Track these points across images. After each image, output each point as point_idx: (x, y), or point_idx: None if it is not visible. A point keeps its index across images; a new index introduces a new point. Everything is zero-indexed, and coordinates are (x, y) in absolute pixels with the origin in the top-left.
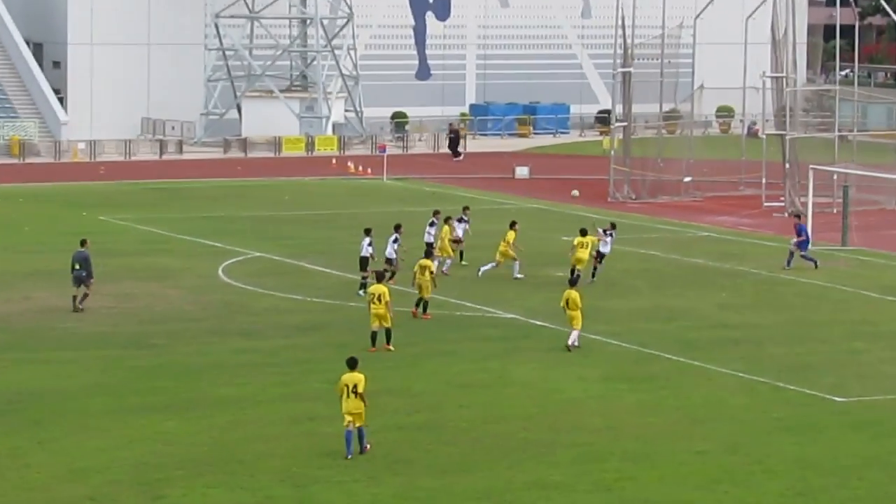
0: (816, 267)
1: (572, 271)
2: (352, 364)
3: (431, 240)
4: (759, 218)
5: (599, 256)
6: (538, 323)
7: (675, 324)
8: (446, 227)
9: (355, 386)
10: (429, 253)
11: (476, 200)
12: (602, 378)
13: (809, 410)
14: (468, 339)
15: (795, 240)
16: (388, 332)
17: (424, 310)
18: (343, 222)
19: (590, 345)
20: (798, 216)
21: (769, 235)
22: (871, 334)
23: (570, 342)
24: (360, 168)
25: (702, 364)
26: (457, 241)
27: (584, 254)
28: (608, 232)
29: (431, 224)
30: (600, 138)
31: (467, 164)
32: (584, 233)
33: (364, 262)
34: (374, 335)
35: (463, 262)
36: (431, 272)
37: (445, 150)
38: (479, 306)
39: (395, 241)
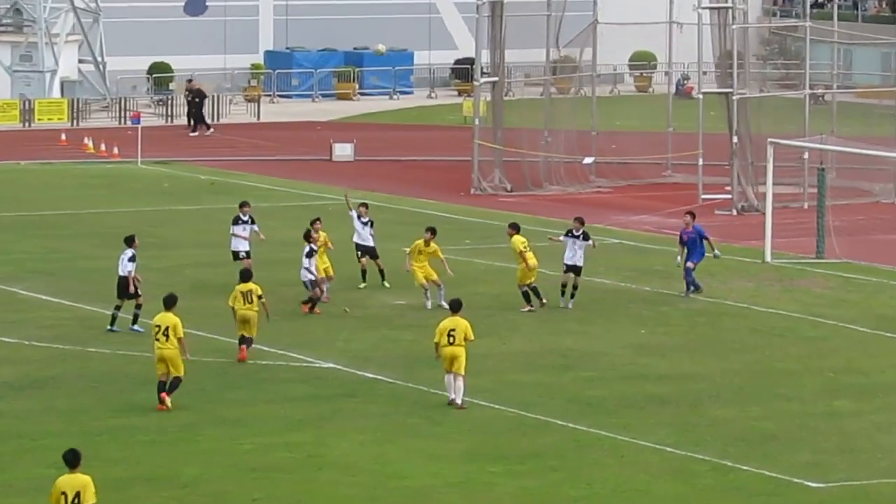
0: (689, 293)
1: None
2: (71, 461)
3: (244, 247)
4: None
5: (570, 270)
6: (368, 375)
7: (571, 374)
8: (324, 234)
9: (77, 496)
10: (246, 274)
11: (275, 194)
12: (465, 456)
13: (773, 502)
14: (265, 399)
15: (680, 252)
16: (174, 382)
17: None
18: (78, 228)
19: (445, 407)
20: (692, 215)
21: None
22: (859, 388)
23: (455, 397)
24: (104, 147)
25: (611, 434)
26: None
27: (527, 269)
28: (574, 233)
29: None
30: (459, 100)
31: (266, 140)
32: (513, 227)
33: (123, 285)
34: (161, 386)
35: (361, 286)
36: (260, 297)
37: (225, 119)
38: (282, 351)
39: (132, 259)
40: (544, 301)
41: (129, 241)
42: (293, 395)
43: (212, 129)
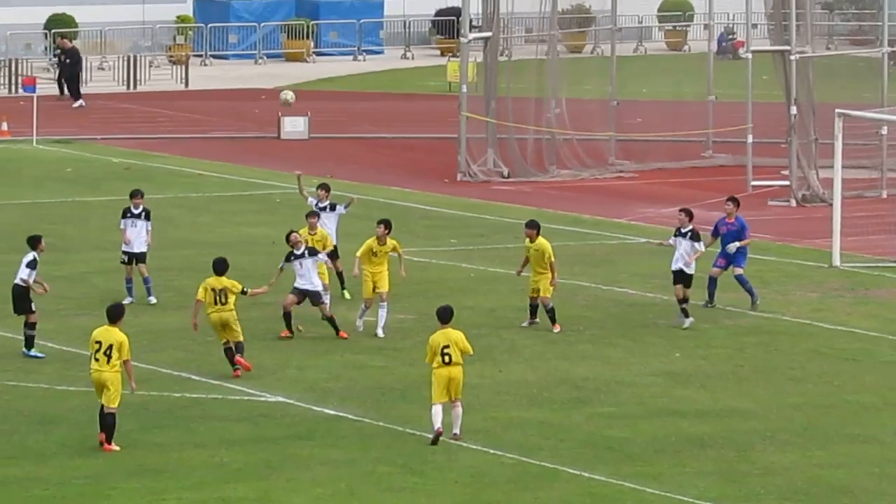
0: (754, 305)
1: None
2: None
3: (138, 248)
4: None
5: (682, 280)
6: (328, 411)
7: (586, 410)
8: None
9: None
10: (220, 265)
11: (209, 182)
12: None
13: None
14: (196, 442)
15: (717, 250)
16: (108, 420)
17: (237, 355)
18: None
19: (426, 451)
20: (734, 201)
21: (763, 243)
22: None
23: (442, 428)
24: None
25: (637, 486)
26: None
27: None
28: (682, 230)
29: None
30: (442, 62)
31: (196, 113)
32: (534, 226)
33: (20, 296)
34: (103, 420)
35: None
36: (243, 293)
37: (144, 86)
38: (218, 381)
39: (31, 264)
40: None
41: (33, 243)
42: (232, 436)
43: (81, 102)
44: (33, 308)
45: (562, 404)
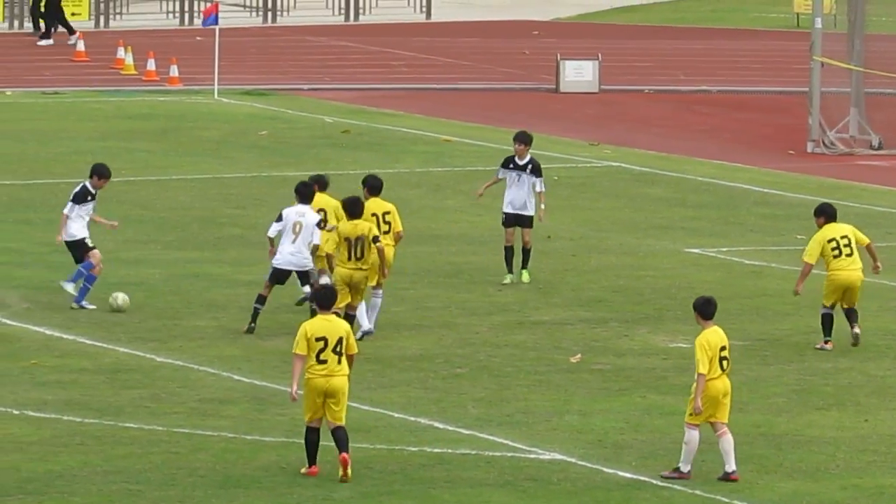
0: None
1: None
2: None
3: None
4: None
5: None
6: (625, 475)
7: None
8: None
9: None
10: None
11: (462, 150)
12: None
13: None
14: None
15: None
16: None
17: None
18: None
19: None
20: None
21: None
22: None
23: (729, 467)
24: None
25: None
26: None
27: (849, 271)
28: None
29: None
30: None
31: (437, 54)
32: (829, 214)
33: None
34: None
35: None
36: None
37: (370, 16)
38: (468, 430)
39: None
40: (857, 331)
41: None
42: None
43: (49, 40)
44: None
45: None
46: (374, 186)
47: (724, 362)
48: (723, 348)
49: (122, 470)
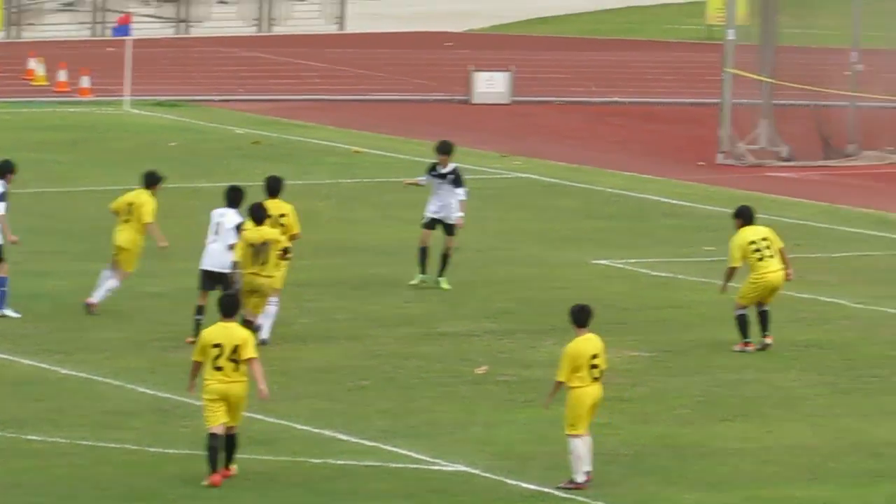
0: None
1: None
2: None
3: None
4: None
5: None
6: (528, 486)
7: (888, 488)
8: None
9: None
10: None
11: (367, 162)
12: None
13: None
14: None
15: None
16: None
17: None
18: None
19: None
20: None
21: None
22: None
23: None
24: None
25: None
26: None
27: (774, 273)
28: None
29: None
30: None
31: (351, 66)
32: (747, 215)
33: None
34: None
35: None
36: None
37: (282, 27)
38: (372, 442)
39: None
40: (768, 341)
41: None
42: None
43: None
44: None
45: (854, 479)
46: (269, 188)
47: (595, 370)
48: (594, 356)
49: (24, 483)
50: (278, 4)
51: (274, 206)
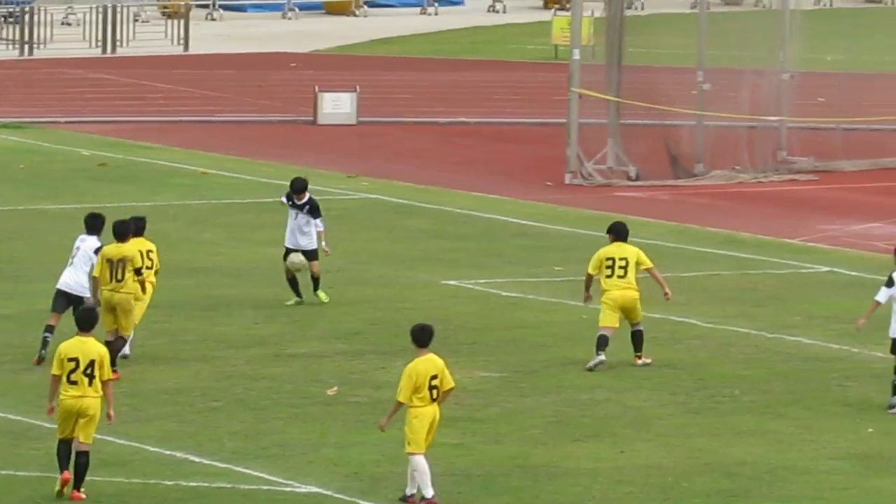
0: None
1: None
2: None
3: None
4: None
5: None
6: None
7: None
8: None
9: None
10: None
11: (216, 182)
12: None
13: None
14: None
15: None
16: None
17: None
18: None
19: None
20: None
21: None
22: None
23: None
24: None
25: None
26: None
27: (620, 289)
28: None
29: None
30: (546, 17)
31: (199, 88)
32: (619, 232)
33: None
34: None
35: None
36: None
37: (127, 49)
38: (224, 464)
39: None
40: (647, 361)
41: None
42: None
43: None
44: None
45: (707, 499)
46: (136, 227)
47: (434, 391)
48: (434, 377)
49: None
50: (123, 25)
51: (140, 244)
